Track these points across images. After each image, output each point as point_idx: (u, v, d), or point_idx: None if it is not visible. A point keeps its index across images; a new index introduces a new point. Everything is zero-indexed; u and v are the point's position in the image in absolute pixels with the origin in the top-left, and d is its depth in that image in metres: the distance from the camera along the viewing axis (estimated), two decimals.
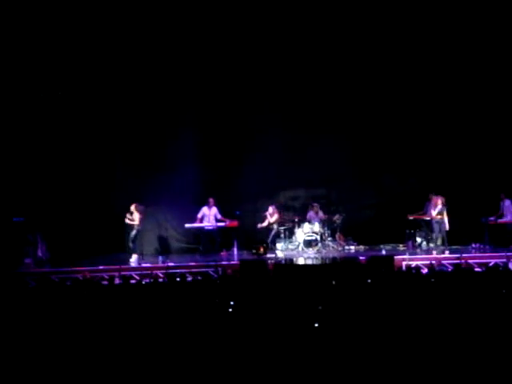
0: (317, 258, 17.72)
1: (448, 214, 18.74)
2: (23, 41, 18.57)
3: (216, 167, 20.18)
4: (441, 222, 18.60)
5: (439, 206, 18.49)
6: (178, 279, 12.42)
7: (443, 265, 15.66)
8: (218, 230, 19.41)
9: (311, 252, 18.68)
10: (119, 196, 19.68)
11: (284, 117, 20.13)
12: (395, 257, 15.92)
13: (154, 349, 7.34)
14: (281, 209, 20.22)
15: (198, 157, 19.99)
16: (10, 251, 17.35)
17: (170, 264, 16.73)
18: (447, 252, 17.62)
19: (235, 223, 19.32)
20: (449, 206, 18.76)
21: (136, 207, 17.96)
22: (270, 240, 19.41)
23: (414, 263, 15.95)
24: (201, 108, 20.32)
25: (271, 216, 19.63)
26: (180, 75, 20.04)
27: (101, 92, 19.91)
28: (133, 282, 13.60)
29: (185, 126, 20.10)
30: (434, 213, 18.56)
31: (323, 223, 19.51)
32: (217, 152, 20.30)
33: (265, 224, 19.65)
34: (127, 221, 17.97)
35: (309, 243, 18.93)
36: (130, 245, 17.96)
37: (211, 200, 19.44)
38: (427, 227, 19.05)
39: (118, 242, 18.98)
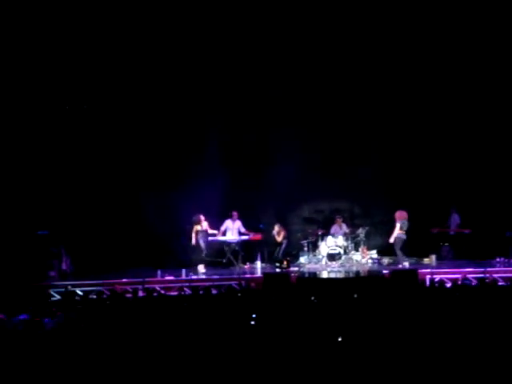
0: (340, 272, 17.68)
1: (472, 228, 18.70)
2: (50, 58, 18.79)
3: (240, 180, 20.18)
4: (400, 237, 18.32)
5: (403, 221, 18.18)
6: (201, 292, 12.45)
7: (467, 279, 15.53)
8: (241, 243, 19.41)
9: (335, 265, 18.62)
10: (144, 209, 19.80)
11: (308, 130, 20.16)
12: (419, 270, 15.83)
13: (178, 361, 7.35)
14: (305, 222, 20.24)
15: (223, 170, 19.99)
16: (34, 264, 17.45)
17: (194, 277, 16.75)
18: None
19: (259, 236, 19.32)
20: (474, 220, 18.72)
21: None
22: (280, 256, 19.39)
23: (438, 277, 15.84)
24: (225, 121, 20.36)
25: (278, 235, 19.68)
26: (203, 87, 20.10)
27: (127, 107, 20.00)
28: (155, 294, 13.66)
29: (209, 138, 20.15)
30: (399, 227, 18.04)
31: (347, 236, 19.46)
32: (241, 165, 20.34)
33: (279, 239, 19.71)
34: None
35: (332, 257, 18.89)
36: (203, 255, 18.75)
37: (235, 213, 19.47)
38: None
39: (142, 255, 19.05)
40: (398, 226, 17.94)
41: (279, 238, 19.71)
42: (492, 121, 19.66)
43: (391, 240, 18.05)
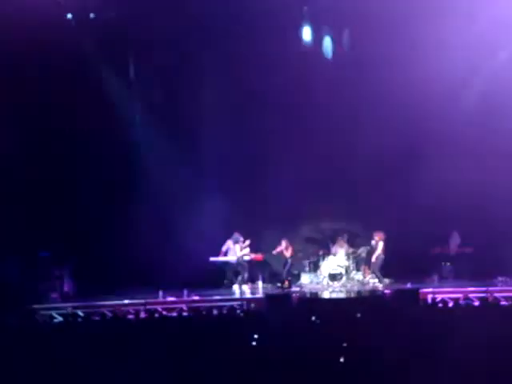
0: (342, 292, 17.66)
1: (472, 247, 18.76)
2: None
3: (241, 201, 20.22)
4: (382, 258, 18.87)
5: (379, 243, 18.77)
6: (203, 313, 12.45)
7: (469, 298, 15.50)
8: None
9: (336, 285, 18.60)
10: (145, 230, 19.87)
11: (309, 150, 20.21)
12: (421, 290, 15.81)
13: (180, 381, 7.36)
14: (306, 241, 20.26)
15: (223, 191, 20.09)
16: (36, 286, 17.46)
17: (195, 298, 16.75)
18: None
19: (260, 257, 19.32)
20: (475, 240, 18.80)
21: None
22: (285, 274, 19.37)
23: (439, 296, 15.82)
24: (225, 139, 20.40)
25: (286, 250, 19.61)
26: (202, 98, 20.27)
27: (123, 129, 20.13)
28: (157, 315, 13.65)
29: (209, 157, 20.30)
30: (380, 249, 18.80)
31: (348, 256, 19.45)
32: (242, 186, 20.36)
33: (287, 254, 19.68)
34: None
35: (334, 277, 18.86)
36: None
37: (237, 234, 19.47)
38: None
39: (144, 276, 19.06)
40: (382, 245, 18.13)
41: (288, 254, 19.61)
42: (488, 140, 19.65)
43: (373, 259, 18.51)
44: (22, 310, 15.49)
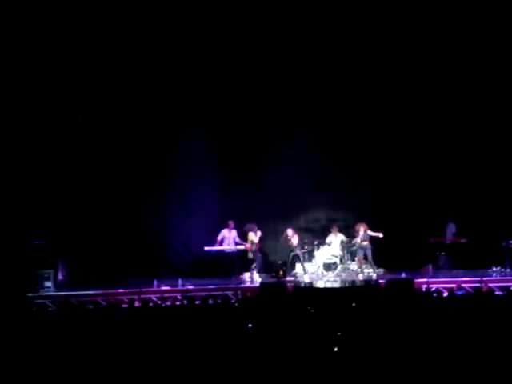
0: (336, 282, 17.66)
1: (467, 237, 18.82)
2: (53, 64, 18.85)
3: (237, 190, 20.21)
4: (366, 248, 18.96)
5: (361, 233, 18.94)
6: (197, 302, 12.43)
7: (463, 288, 15.52)
8: (237, 253, 19.37)
9: (331, 275, 18.61)
10: (139, 219, 19.87)
11: (305, 140, 20.20)
12: (415, 280, 15.82)
13: (173, 372, 7.34)
14: (300, 231, 20.20)
15: (220, 180, 20.18)
16: (29, 275, 17.42)
17: (190, 287, 16.73)
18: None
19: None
20: (469, 229, 18.83)
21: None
22: (290, 263, 19.36)
23: (434, 286, 15.84)
24: (223, 130, 20.43)
25: (292, 238, 19.53)
26: (200, 91, 20.24)
27: (122, 116, 20.02)
28: (151, 305, 13.64)
29: (207, 148, 20.32)
30: (358, 240, 18.98)
31: (343, 246, 19.44)
32: (238, 175, 20.38)
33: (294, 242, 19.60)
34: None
35: (328, 266, 18.88)
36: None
37: (231, 223, 19.42)
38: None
39: (138, 265, 19.06)
40: (368, 235, 18.85)
41: (294, 242, 19.56)
42: (488, 131, 19.71)
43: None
44: (16, 298, 15.48)
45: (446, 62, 19.74)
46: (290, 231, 19.48)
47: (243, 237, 19.43)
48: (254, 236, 19.13)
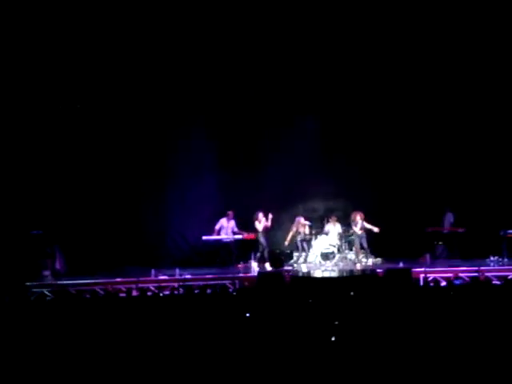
0: (334, 271, 17.68)
1: (465, 227, 18.87)
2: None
3: (234, 180, 20.25)
4: (361, 237, 19.09)
5: (359, 222, 19.10)
6: (196, 291, 12.44)
7: (461, 278, 15.55)
8: (235, 243, 19.39)
9: (328, 264, 18.62)
10: (137, 209, 19.88)
11: (301, 130, 20.19)
12: (413, 269, 15.84)
13: (170, 361, 7.34)
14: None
15: (217, 169, 20.19)
16: (27, 264, 17.43)
17: (187, 276, 16.73)
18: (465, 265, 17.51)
19: (252, 236, 19.29)
20: (466, 219, 18.87)
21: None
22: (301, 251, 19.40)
23: (431, 276, 15.86)
24: (218, 121, 20.44)
25: (304, 227, 19.50)
26: (199, 88, 20.21)
27: (121, 107, 19.99)
28: (149, 294, 13.65)
29: (203, 139, 20.30)
30: (355, 228, 19.12)
31: (340, 236, 19.45)
32: (235, 165, 20.41)
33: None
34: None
35: (326, 256, 18.89)
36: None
37: (230, 213, 19.44)
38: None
39: (136, 254, 19.09)
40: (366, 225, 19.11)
41: (305, 231, 19.60)
42: (485, 121, 19.72)
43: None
44: (14, 287, 15.48)
45: (446, 57, 19.69)
46: (301, 219, 19.47)
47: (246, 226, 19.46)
48: (258, 224, 19.14)
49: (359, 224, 19.05)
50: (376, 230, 18.94)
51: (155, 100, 20.16)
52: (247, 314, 9.35)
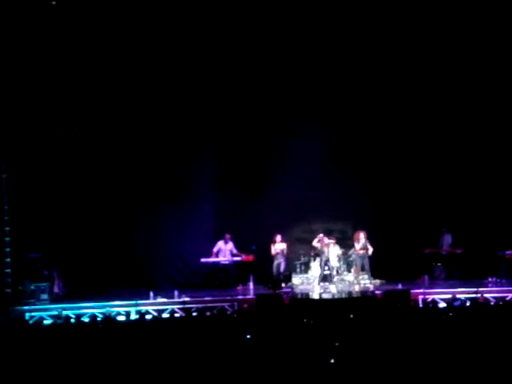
0: (333, 293, 17.65)
1: (463, 248, 18.88)
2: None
3: (232, 203, 20.22)
4: (364, 257, 18.92)
5: (362, 240, 18.87)
6: (194, 314, 12.44)
7: (459, 299, 15.52)
8: (233, 265, 19.39)
9: (327, 286, 18.59)
10: (135, 231, 19.87)
11: (301, 152, 20.21)
12: (411, 291, 15.82)
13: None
14: (297, 243, 20.22)
15: (215, 192, 20.18)
16: (26, 287, 17.40)
17: (186, 299, 16.71)
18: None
19: (251, 258, 19.30)
20: (464, 240, 18.90)
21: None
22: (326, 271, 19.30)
23: (430, 297, 15.85)
24: (218, 144, 20.50)
25: (327, 246, 19.39)
26: (197, 108, 20.22)
27: (119, 129, 20.01)
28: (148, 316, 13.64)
29: (201, 162, 20.34)
30: (357, 247, 18.94)
31: (339, 257, 19.44)
32: (233, 188, 20.37)
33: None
34: None
35: (325, 277, 18.87)
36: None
37: (227, 235, 19.48)
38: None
39: (135, 277, 19.06)
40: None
41: (338, 250, 19.62)
42: (482, 143, 19.75)
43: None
44: (11, 311, 15.46)
45: (444, 72, 19.77)
46: (326, 238, 19.41)
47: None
48: (273, 246, 19.19)
49: (362, 243, 18.93)
50: (371, 250, 18.89)
51: (153, 124, 20.13)
52: (248, 336, 9.33)
